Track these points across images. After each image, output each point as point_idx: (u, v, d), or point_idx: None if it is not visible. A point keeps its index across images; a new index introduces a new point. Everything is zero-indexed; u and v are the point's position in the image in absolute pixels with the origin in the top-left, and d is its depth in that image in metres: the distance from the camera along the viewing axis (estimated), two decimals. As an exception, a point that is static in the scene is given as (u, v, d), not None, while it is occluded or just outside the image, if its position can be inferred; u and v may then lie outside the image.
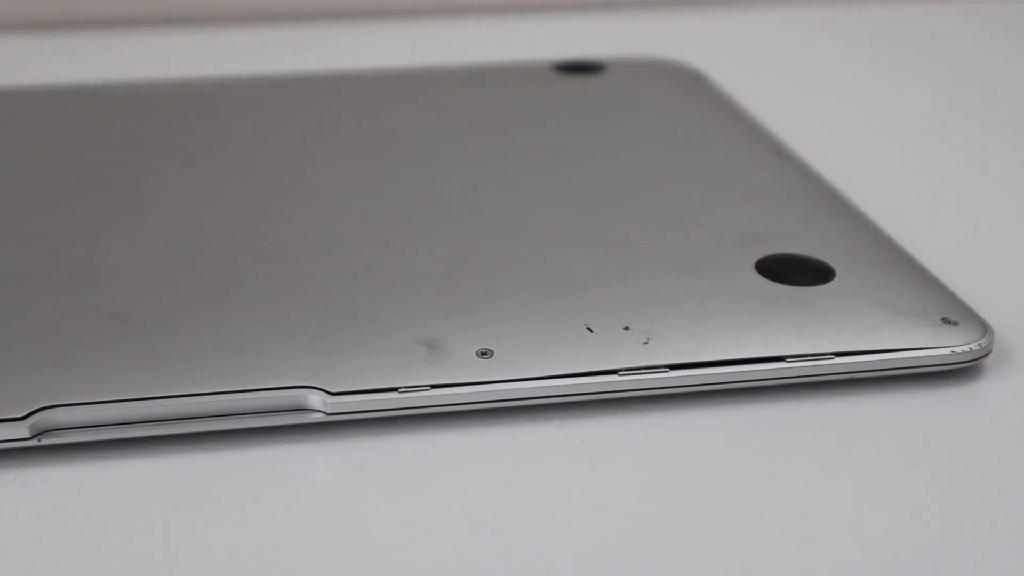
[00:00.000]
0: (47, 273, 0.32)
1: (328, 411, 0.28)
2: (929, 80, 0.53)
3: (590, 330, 0.30)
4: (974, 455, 0.28)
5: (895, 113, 0.49)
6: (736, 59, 0.53)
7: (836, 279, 0.32)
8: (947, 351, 0.30)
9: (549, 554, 0.25)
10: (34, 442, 0.27)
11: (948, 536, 0.26)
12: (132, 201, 0.36)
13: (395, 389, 0.28)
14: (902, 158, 0.45)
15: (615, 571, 0.25)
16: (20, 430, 0.27)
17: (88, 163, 0.38)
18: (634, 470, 0.27)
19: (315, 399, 0.28)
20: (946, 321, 0.30)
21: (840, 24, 0.60)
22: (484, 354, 0.29)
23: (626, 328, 0.30)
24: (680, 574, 0.25)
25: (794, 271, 0.32)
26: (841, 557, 0.25)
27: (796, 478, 0.27)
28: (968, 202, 0.41)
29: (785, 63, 0.55)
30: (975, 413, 0.30)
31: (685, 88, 0.46)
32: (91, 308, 0.30)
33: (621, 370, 0.29)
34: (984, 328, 0.30)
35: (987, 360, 0.30)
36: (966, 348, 0.30)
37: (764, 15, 0.61)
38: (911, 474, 0.28)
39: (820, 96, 0.51)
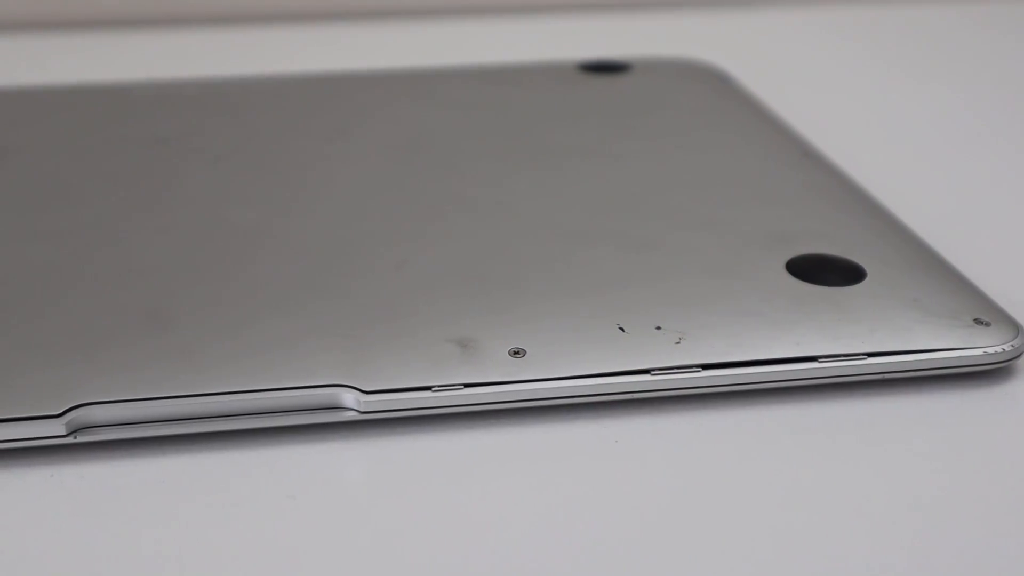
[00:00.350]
0: (79, 271, 0.32)
1: (361, 409, 0.28)
2: (957, 80, 0.52)
3: (622, 330, 0.30)
4: (1007, 455, 0.28)
5: (921, 114, 0.49)
6: (760, 59, 0.53)
7: (867, 279, 0.32)
8: (979, 352, 0.30)
9: (582, 553, 0.25)
10: (70, 439, 0.27)
11: (981, 536, 0.26)
12: (162, 199, 0.36)
13: (428, 388, 0.28)
14: (930, 159, 0.45)
15: (648, 570, 0.25)
16: (56, 427, 0.27)
17: (118, 161, 0.38)
18: (667, 470, 0.27)
19: (349, 397, 0.28)
20: (978, 322, 0.30)
21: (865, 25, 0.60)
22: (517, 353, 0.29)
23: (658, 328, 0.30)
24: (712, 573, 0.25)
25: (825, 271, 0.32)
26: (874, 557, 0.25)
27: (828, 478, 0.27)
28: (998, 203, 0.41)
29: (809, 63, 0.55)
30: (1007, 413, 0.30)
31: (711, 88, 0.46)
32: (124, 306, 0.30)
33: (654, 370, 0.29)
34: (1016, 329, 0.30)
35: (1019, 361, 0.30)
36: (998, 349, 0.30)
37: (788, 15, 0.61)
38: (944, 474, 0.28)
39: (845, 96, 0.51)
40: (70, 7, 0.58)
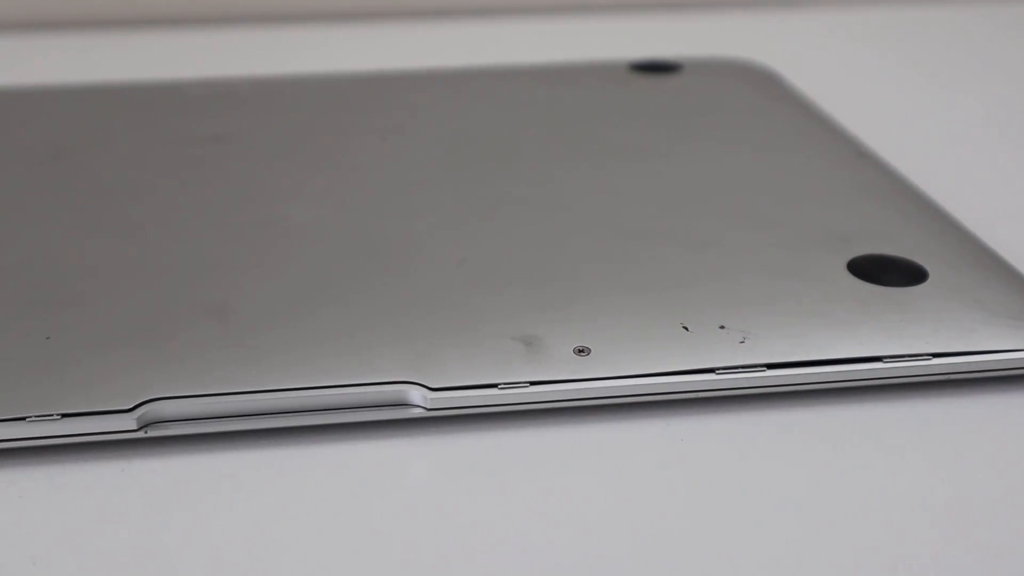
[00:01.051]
0: (146, 267, 0.32)
1: (428, 406, 0.28)
2: (1012, 79, 0.52)
3: (686, 329, 0.30)
4: (1073, 458, 0.28)
5: (975, 113, 0.49)
6: (809, 59, 0.53)
7: (929, 280, 0.32)
8: (1044, 353, 0.30)
9: (647, 550, 0.25)
10: (140, 434, 0.27)
11: (1051, 539, 0.26)
12: (222, 196, 0.36)
13: (494, 385, 0.28)
14: (985, 158, 0.44)
15: (715, 567, 0.25)
16: (127, 422, 0.27)
17: (176, 158, 0.39)
18: (732, 468, 0.28)
19: (416, 394, 0.28)
20: (1043, 323, 0.30)
21: (915, 25, 0.60)
22: (581, 351, 0.29)
23: (722, 327, 0.30)
24: (780, 569, 0.25)
25: (887, 272, 0.32)
26: (940, 557, 0.25)
27: (894, 477, 0.27)
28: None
29: (858, 64, 0.55)
30: (1072, 416, 0.30)
31: (761, 88, 0.46)
32: (192, 302, 0.30)
33: (718, 369, 0.29)
34: (1081, 330, 0.30)
35: (1084, 362, 0.30)
36: (1064, 350, 0.30)
37: (837, 16, 0.61)
38: (1009, 475, 0.27)
39: (895, 96, 0.50)
40: (124, 5, 0.59)
